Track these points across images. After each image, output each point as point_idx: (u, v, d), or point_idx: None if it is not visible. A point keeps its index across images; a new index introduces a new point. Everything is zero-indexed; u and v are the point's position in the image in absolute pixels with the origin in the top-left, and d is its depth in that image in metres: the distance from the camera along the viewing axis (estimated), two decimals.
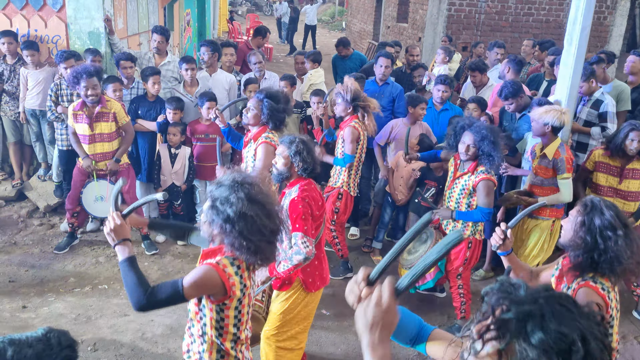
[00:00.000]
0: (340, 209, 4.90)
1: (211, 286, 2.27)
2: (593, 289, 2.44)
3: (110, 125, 5.04)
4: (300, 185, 3.24)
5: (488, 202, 4.04)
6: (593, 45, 10.47)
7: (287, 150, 3.26)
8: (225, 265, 2.29)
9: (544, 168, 4.43)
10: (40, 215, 6.08)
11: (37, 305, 4.56)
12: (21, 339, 1.42)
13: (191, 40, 11.68)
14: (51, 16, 6.06)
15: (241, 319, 2.40)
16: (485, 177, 4.01)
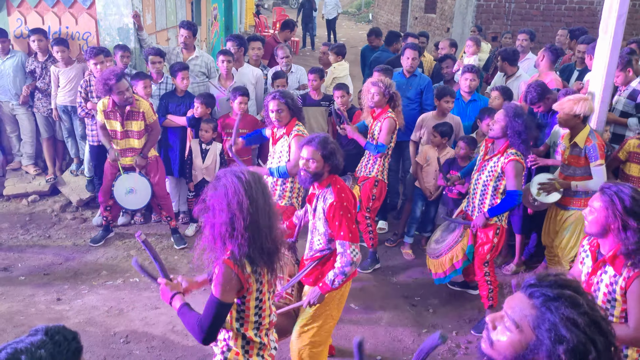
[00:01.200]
0: (377, 196, 4.96)
1: (235, 283, 2.30)
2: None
3: (139, 123, 5.12)
4: (334, 187, 3.20)
5: (517, 184, 3.98)
6: (628, 33, 10.14)
7: (321, 151, 3.20)
8: (237, 260, 2.30)
9: (575, 157, 4.34)
10: (73, 210, 6.20)
11: (71, 297, 4.65)
12: (27, 345, 1.44)
13: (218, 35, 11.75)
14: (81, 13, 6.15)
15: (262, 306, 2.43)
16: (515, 158, 3.98)
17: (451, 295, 4.84)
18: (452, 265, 4.33)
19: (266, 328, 2.50)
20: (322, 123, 5.88)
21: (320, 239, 3.28)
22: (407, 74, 5.99)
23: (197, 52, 6.18)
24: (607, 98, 4.75)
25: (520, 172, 4.00)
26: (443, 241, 4.43)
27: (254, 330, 2.44)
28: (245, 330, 2.42)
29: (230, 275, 2.27)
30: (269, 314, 2.49)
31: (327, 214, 3.15)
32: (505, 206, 4.06)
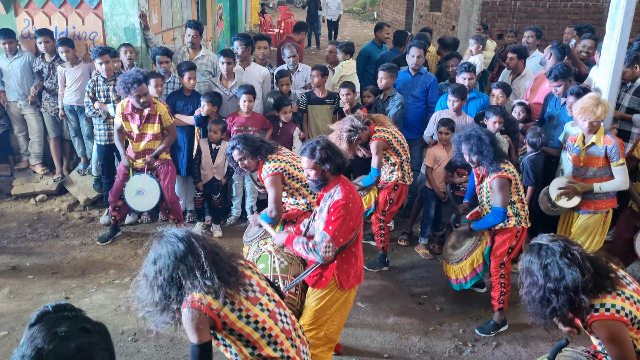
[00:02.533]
0: (395, 200, 4.95)
1: (206, 321, 2.31)
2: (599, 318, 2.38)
3: (156, 126, 5.16)
4: (342, 186, 3.19)
5: (500, 200, 4.02)
6: (636, 30, 10.09)
7: (313, 159, 3.20)
8: (193, 296, 2.30)
9: (594, 157, 4.26)
10: (81, 209, 6.24)
11: (79, 296, 4.68)
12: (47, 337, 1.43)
13: (224, 34, 11.77)
14: (88, 13, 6.18)
15: (257, 320, 2.39)
16: (496, 175, 4.02)
17: (458, 294, 4.83)
18: (474, 269, 4.32)
19: (284, 338, 2.46)
20: (328, 120, 5.88)
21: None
22: (413, 72, 5.99)
23: (203, 51, 6.20)
24: (614, 95, 4.75)
25: (503, 186, 4.01)
26: (461, 246, 4.41)
27: (270, 346, 2.41)
28: (260, 350, 2.39)
29: (200, 320, 2.29)
30: (274, 322, 2.45)
31: (329, 208, 3.15)
32: (490, 222, 4.11)
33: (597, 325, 2.37)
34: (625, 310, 2.36)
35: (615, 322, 2.35)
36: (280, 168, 4.04)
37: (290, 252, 3.75)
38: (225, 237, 5.73)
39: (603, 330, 2.36)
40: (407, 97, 5.90)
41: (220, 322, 2.33)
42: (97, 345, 1.46)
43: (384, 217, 4.98)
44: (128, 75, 4.90)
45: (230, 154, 4.11)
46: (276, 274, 3.53)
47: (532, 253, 2.43)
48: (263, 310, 2.42)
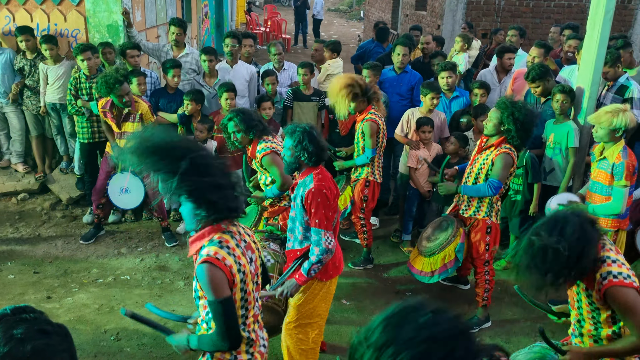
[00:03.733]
0: (369, 197, 4.94)
1: (223, 277, 2.22)
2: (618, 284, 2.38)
3: (135, 125, 5.12)
4: (315, 174, 3.20)
5: (501, 176, 3.98)
6: (617, 29, 10.22)
7: (290, 140, 3.22)
8: (216, 251, 2.23)
9: (603, 172, 3.99)
10: (63, 208, 6.17)
11: (61, 295, 4.64)
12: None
13: (209, 32, 11.72)
14: (70, 10, 6.12)
15: (248, 298, 2.36)
16: (506, 151, 3.97)
17: (442, 291, 4.86)
18: (444, 264, 4.30)
19: (252, 322, 2.46)
20: (313, 118, 5.88)
21: (299, 228, 3.26)
22: (398, 70, 6.01)
23: (187, 49, 6.16)
24: (594, 94, 4.80)
25: (508, 164, 3.97)
26: (436, 239, 4.40)
27: (242, 326, 2.38)
28: None
29: (218, 275, 2.20)
30: (253, 306, 2.44)
31: (305, 201, 3.15)
32: (481, 191, 4.06)
33: (615, 291, 2.36)
34: (631, 278, 2.39)
35: (634, 290, 2.37)
36: (274, 148, 4.03)
37: (277, 249, 3.75)
38: None
39: (621, 296, 2.35)
40: (392, 95, 5.91)
41: (231, 281, 2.25)
42: (56, 346, 1.44)
43: (363, 215, 4.99)
44: (109, 76, 4.83)
45: (226, 124, 4.11)
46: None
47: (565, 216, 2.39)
48: (252, 291, 2.41)
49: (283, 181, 4.01)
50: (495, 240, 4.24)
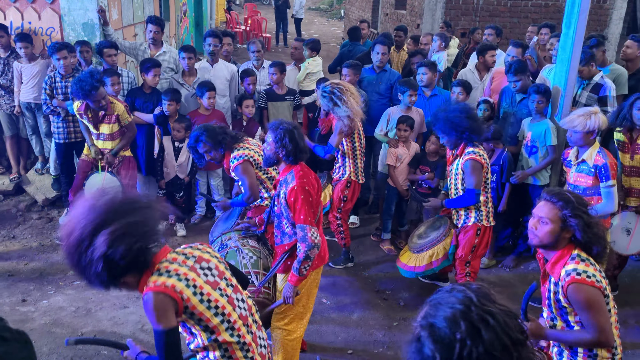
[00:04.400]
0: (348, 197, 4.93)
1: (170, 305, 2.20)
2: (579, 282, 2.41)
3: (112, 126, 5.05)
4: (296, 172, 3.21)
5: (474, 182, 4.01)
6: (593, 29, 10.38)
7: (271, 135, 3.25)
8: (155, 280, 2.20)
9: (584, 176, 4.04)
10: (39, 209, 6.07)
11: (36, 298, 4.55)
12: None
13: (188, 31, 11.62)
14: (45, 8, 6.00)
15: (217, 305, 2.32)
16: (470, 157, 4.00)
17: (422, 289, 4.88)
18: (430, 262, 4.35)
19: (241, 324, 2.42)
20: (288, 117, 5.87)
21: (287, 224, 3.29)
22: (377, 69, 6.02)
23: (165, 48, 6.10)
24: (570, 92, 4.86)
25: (476, 169, 3.99)
26: (427, 237, 4.44)
27: (228, 332, 2.35)
28: (217, 335, 2.33)
29: (158, 300, 2.17)
30: (233, 308, 2.40)
31: (288, 198, 3.17)
32: (462, 202, 4.11)
33: (576, 288, 2.40)
34: (602, 283, 2.43)
35: (595, 289, 2.41)
36: (246, 155, 4.00)
37: (256, 245, 3.75)
38: (189, 236, 5.66)
39: (581, 293, 2.39)
40: (371, 94, 5.92)
41: (183, 305, 2.23)
42: (15, 354, 1.41)
43: (340, 215, 4.98)
44: (84, 81, 4.69)
45: (195, 146, 4.07)
46: (248, 270, 3.53)
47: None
48: (222, 296, 2.37)
49: (250, 193, 3.99)
50: (485, 242, 4.25)
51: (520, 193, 5.08)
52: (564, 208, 2.46)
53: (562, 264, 2.50)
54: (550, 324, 2.65)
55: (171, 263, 2.29)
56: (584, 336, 2.47)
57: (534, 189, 4.99)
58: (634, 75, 5.54)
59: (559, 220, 2.47)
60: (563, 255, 2.51)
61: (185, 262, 2.33)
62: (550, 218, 2.50)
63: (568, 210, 2.45)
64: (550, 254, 2.57)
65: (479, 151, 4.04)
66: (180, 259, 2.33)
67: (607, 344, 2.46)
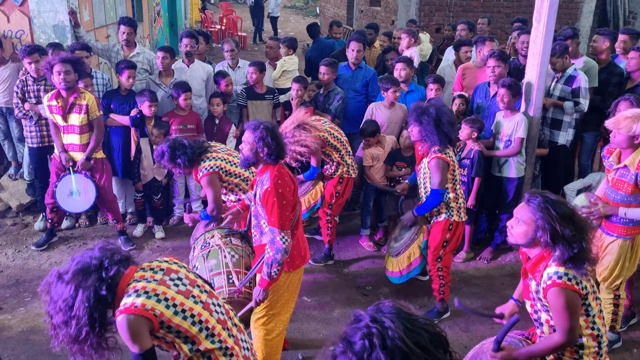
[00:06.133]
0: (340, 192, 4.96)
1: (144, 325, 2.24)
2: (561, 286, 2.44)
3: (81, 117, 4.93)
4: (271, 173, 3.20)
5: (438, 181, 4.02)
6: (564, 22, 10.54)
7: (252, 135, 3.22)
8: (133, 301, 2.24)
9: (624, 182, 3.63)
10: (13, 215, 5.96)
11: (13, 305, 4.48)
12: None
13: (162, 31, 11.50)
14: (13, 10, 5.89)
15: (192, 313, 2.34)
16: (435, 156, 4.02)
17: (402, 284, 4.91)
18: (410, 263, 4.40)
19: (221, 329, 2.42)
20: (267, 116, 5.86)
21: (265, 223, 3.28)
22: (353, 66, 6.04)
23: (138, 49, 6.03)
24: (542, 85, 4.93)
25: (440, 167, 4.00)
26: (401, 239, 4.48)
27: (208, 339, 2.36)
28: (199, 345, 2.34)
29: (138, 326, 2.22)
30: (210, 314, 2.41)
31: (262, 199, 3.17)
32: (430, 204, 4.13)
33: (555, 292, 2.44)
34: (582, 285, 2.47)
35: (575, 293, 2.45)
36: (215, 167, 4.02)
37: (238, 244, 3.74)
38: (168, 238, 5.62)
39: (561, 297, 2.43)
40: (347, 91, 5.94)
41: (158, 321, 2.26)
42: None
43: (331, 211, 5.01)
44: (52, 56, 4.72)
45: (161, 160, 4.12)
46: (229, 270, 3.53)
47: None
48: (197, 303, 2.38)
49: (214, 206, 4.01)
50: (457, 237, 4.27)
51: (496, 186, 5.15)
52: (538, 213, 2.47)
53: (544, 266, 2.53)
54: (535, 317, 2.69)
55: (138, 282, 2.31)
56: (552, 341, 2.52)
57: (509, 182, 5.07)
58: (605, 68, 5.64)
59: (532, 223, 2.50)
60: (544, 257, 2.53)
61: (153, 276, 2.34)
62: (525, 220, 2.53)
63: (541, 216, 2.46)
64: (532, 252, 2.60)
65: (445, 149, 4.04)
66: (147, 275, 2.34)
67: (573, 343, 2.53)
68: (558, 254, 2.46)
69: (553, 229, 2.43)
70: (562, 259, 2.45)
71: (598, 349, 2.61)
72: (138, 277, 2.32)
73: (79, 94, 4.89)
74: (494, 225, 5.48)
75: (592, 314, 2.57)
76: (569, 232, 2.42)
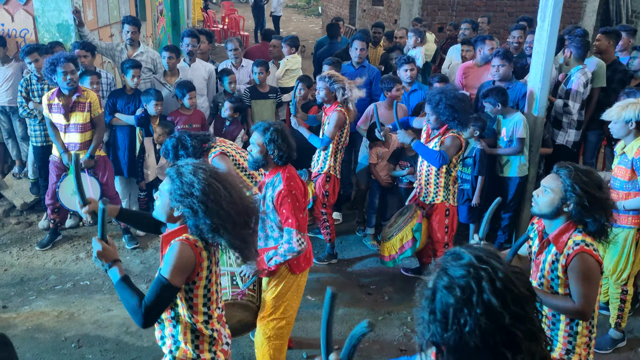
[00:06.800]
0: (330, 191, 4.96)
1: (190, 263, 2.23)
2: (588, 252, 2.46)
3: (85, 115, 4.93)
4: (283, 174, 3.20)
5: (450, 153, 4.17)
6: (567, 21, 10.53)
7: (262, 137, 3.21)
8: (196, 240, 2.26)
9: (622, 168, 3.77)
10: (18, 214, 5.98)
11: (18, 304, 4.49)
12: None
13: (165, 30, 11.51)
14: (18, 9, 5.91)
15: (210, 297, 2.37)
16: (453, 134, 4.16)
17: (405, 282, 4.92)
18: (402, 245, 4.41)
19: (216, 320, 2.45)
20: (271, 115, 5.87)
21: (274, 227, 3.29)
22: (356, 65, 6.03)
23: (142, 48, 6.04)
24: (546, 85, 4.92)
25: (456, 146, 4.16)
26: (395, 223, 4.56)
27: (203, 323, 2.38)
28: (196, 321, 2.36)
29: (187, 255, 2.22)
30: (216, 307, 2.44)
31: (275, 202, 3.16)
32: (429, 155, 4.22)
33: (582, 258, 2.45)
34: (600, 252, 2.50)
35: (598, 264, 2.47)
36: (224, 151, 4.03)
37: None
38: None
39: (586, 264, 2.44)
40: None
41: (195, 274, 2.27)
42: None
43: (325, 210, 5.01)
44: (56, 54, 4.71)
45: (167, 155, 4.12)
46: (233, 271, 3.52)
47: None
48: (216, 291, 2.44)
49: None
50: (453, 223, 4.40)
51: (498, 186, 5.15)
52: (566, 180, 2.49)
53: (568, 236, 2.54)
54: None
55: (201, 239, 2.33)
56: (566, 303, 2.53)
57: (511, 181, 5.06)
58: (609, 66, 5.64)
59: (559, 191, 2.51)
60: (568, 228, 2.55)
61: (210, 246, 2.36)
62: (552, 188, 2.54)
63: (569, 182, 2.48)
64: (553, 226, 2.60)
65: (461, 132, 4.19)
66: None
67: (586, 316, 2.52)
68: (587, 226, 2.49)
69: (582, 197, 2.44)
70: (589, 230, 2.49)
71: (589, 340, 2.63)
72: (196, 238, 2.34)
73: (82, 92, 4.89)
74: (496, 224, 5.47)
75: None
76: (598, 201, 2.44)
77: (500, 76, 5.11)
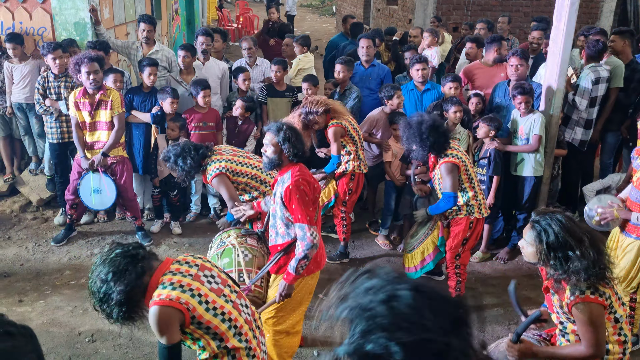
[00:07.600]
0: (353, 189, 4.97)
1: (176, 318, 2.27)
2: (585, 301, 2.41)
3: (108, 114, 5.01)
4: (293, 171, 3.22)
5: (450, 185, 4.07)
6: (584, 21, 10.42)
7: (276, 137, 3.23)
8: (160, 294, 2.28)
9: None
10: (34, 210, 6.05)
11: (33, 299, 4.55)
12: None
13: (180, 29, 11.58)
14: (35, 8, 5.98)
15: (223, 311, 2.38)
16: (444, 161, 4.09)
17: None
18: (423, 258, 4.40)
19: (248, 329, 2.45)
20: (286, 114, 5.86)
21: (280, 224, 3.29)
22: (366, 64, 6.03)
23: (157, 47, 6.08)
24: (562, 84, 4.89)
25: (450, 171, 4.05)
26: (416, 234, 4.51)
27: (236, 337, 2.39)
28: (227, 342, 2.37)
29: (169, 317, 2.26)
30: (239, 313, 2.44)
31: (284, 198, 3.18)
32: (442, 207, 4.16)
33: (582, 307, 2.41)
34: (605, 295, 2.44)
35: (599, 306, 2.42)
36: (222, 168, 3.98)
37: (254, 244, 3.76)
38: (185, 234, 5.67)
39: (586, 312, 2.41)
40: (362, 89, 5.93)
41: (190, 316, 2.29)
42: (22, 348, 1.41)
43: (345, 208, 5.01)
44: (81, 54, 4.81)
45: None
46: (241, 268, 3.54)
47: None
48: (227, 302, 2.42)
49: (231, 204, 3.99)
50: (476, 234, 4.30)
51: (513, 185, 5.12)
52: (540, 241, 2.45)
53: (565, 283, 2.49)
54: (560, 327, 2.67)
55: (174, 274, 2.34)
56: (577, 350, 2.51)
57: (526, 181, 5.03)
58: (627, 66, 5.58)
59: (539, 245, 2.48)
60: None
61: (188, 271, 2.37)
62: (530, 242, 2.52)
63: (544, 244, 2.43)
64: (547, 273, 2.57)
65: (452, 152, 4.09)
66: (183, 269, 2.37)
67: (599, 356, 2.49)
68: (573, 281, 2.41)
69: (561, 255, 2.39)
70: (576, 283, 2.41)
71: (622, 355, 2.60)
72: (174, 270, 2.35)
73: (105, 90, 4.96)
74: (510, 225, 5.44)
75: (620, 320, 2.55)
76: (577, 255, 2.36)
77: (518, 76, 5.08)
